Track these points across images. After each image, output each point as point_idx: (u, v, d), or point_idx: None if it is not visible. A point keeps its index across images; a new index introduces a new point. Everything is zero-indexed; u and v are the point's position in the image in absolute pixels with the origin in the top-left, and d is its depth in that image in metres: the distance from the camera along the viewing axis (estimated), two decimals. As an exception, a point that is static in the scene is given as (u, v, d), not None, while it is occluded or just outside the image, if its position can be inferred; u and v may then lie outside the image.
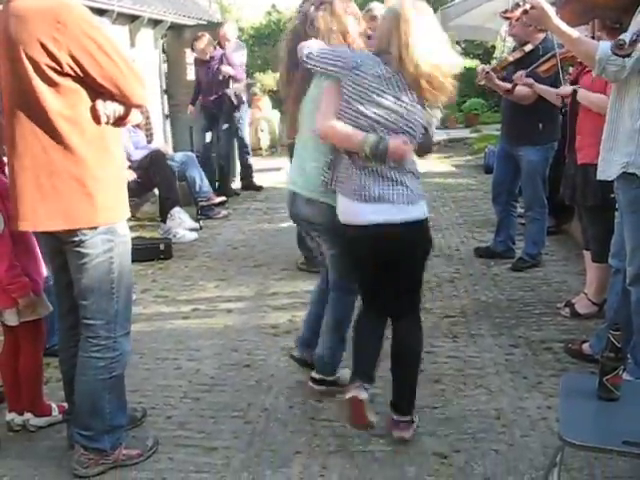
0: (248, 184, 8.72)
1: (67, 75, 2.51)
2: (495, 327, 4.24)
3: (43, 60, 2.48)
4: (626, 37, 2.57)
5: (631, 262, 3.10)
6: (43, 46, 2.46)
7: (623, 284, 3.24)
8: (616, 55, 2.63)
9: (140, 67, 2.78)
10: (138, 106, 2.74)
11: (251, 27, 20.25)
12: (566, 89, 4.21)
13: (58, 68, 2.49)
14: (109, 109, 2.61)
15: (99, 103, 2.59)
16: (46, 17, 2.46)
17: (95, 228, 2.64)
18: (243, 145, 8.60)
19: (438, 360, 3.82)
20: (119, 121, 2.70)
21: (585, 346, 3.72)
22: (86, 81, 2.54)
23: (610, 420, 2.22)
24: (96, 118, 2.59)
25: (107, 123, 2.64)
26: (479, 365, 3.74)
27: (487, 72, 5.10)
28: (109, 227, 2.69)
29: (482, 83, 5.22)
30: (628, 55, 2.61)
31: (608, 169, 3.13)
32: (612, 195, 3.21)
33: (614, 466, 2.76)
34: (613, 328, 2.31)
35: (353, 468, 2.87)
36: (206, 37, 8.01)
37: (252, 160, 8.84)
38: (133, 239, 3.85)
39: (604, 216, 3.74)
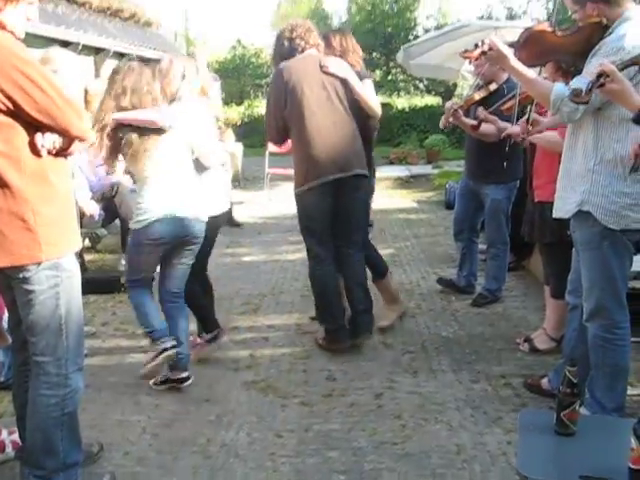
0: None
1: (0, 111, 2.47)
2: (455, 362, 4.27)
3: None
4: (582, 85, 2.66)
5: (588, 299, 3.16)
6: None
7: (580, 320, 3.30)
8: (575, 103, 2.73)
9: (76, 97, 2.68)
10: (78, 138, 2.67)
11: (216, 61, 20.42)
12: (515, 128, 4.29)
13: None
14: (48, 142, 2.56)
15: (38, 137, 2.54)
16: None
17: (39, 264, 2.59)
18: None
19: (398, 395, 3.83)
20: (61, 152, 2.65)
21: (544, 381, 3.76)
22: (20, 115, 2.49)
23: (567, 455, 2.24)
24: (35, 152, 2.54)
25: (49, 154, 2.58)
26: (439, 400, 3.76)
27: (455, 110, 5.18)
28: (54, 262, 2.62)
29: (450, 120, 5.30)
30: (586, 102, 2.70)
31: (564, 207, 3.20)
32: (568, 232, 3.27)
33: (572, 501, 2.78)
34: (569, 364, 2.35)
35: (313, 505, 2.85)
36: None
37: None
38: (93, 271, 3.83)
39: (561, 253, 3.80)
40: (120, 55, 10.84)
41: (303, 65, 4.28)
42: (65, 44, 8.86)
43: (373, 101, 4.48)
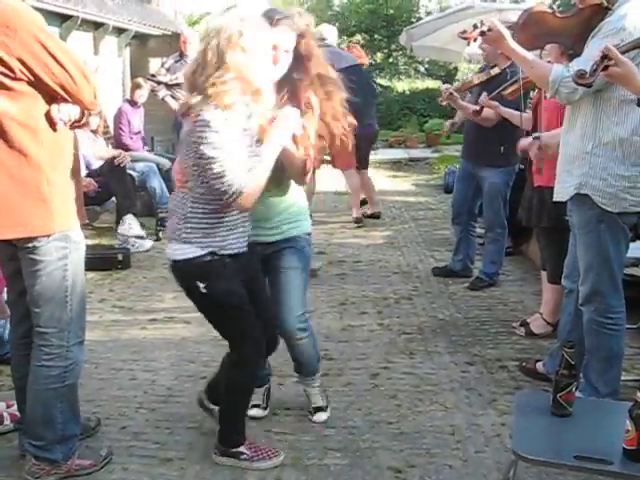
0: None
1: (20, 80, 2.48)
2: (451, 345, 4.29)
3: None
4: (586, 67, 2.64)
5: (584, 282, 3.16)
6: None
7: (575, 304, 3.31)
8: (578, 85, 2.70)
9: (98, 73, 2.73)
10: (89, 110, 2.70)
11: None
12: (527, 141, 4.03)
13: (10, 74, 2.46)
14: (64, 114, 2.58)
15: (54, 109, 2.56)
16: None
17: (50, 235, 2.60)
18: None
19: (394, 376, 3.85)
20: (75, 124, 2.67)
21: (539, 365, 3.78)
22: (40, 86, 2.51)
23: (562, 436, 2.26)
24: (51, 124, 2.56)
25: (64, 126, 2.60)
26: (435, 382, 3.78)
27: (450, 92, 5.16)
28: (64, 234, 2.65)
29: (444, 103, 5.28)
30: (589, 85, 2.66)
31: (562, 190, 3.19)
32: (566, 217, 3.27)
33: (565, 482, 2.81)
34: (567, 345, 2.36)
35: (308, 481, 2.87)
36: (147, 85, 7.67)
37: None
38: (91, 247, 3.83)
39: (559, 237, 3.80)
40: (119, 31, 10.75)
41: None
42: (64, 18, 8.79)
43: None
